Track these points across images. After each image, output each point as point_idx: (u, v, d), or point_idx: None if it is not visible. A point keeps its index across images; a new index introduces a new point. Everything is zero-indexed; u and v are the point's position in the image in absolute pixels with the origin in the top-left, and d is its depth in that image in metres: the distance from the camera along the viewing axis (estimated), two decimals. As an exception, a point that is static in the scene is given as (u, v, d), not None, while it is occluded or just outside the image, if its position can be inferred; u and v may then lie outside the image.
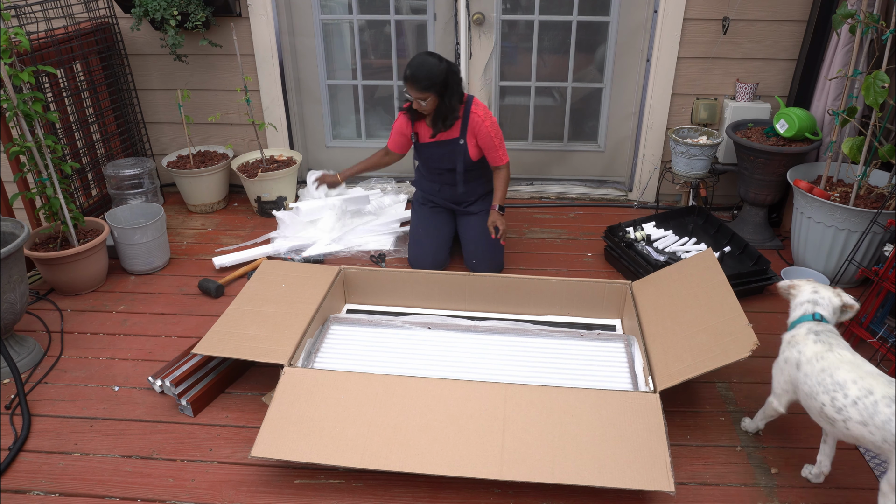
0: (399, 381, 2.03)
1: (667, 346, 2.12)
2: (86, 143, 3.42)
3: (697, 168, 3.23)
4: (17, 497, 1.87)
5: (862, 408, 1.57)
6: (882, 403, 1.54)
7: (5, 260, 2.20)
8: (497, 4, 3.42)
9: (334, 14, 3.59)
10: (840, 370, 1.64)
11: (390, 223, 3.35)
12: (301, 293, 2.43)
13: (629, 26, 3.43)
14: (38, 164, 2.66)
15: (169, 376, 2.16)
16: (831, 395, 1.63)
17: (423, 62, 2.59)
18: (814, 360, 1.71)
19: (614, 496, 1.84)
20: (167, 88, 3.62)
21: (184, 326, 2.63)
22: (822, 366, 1.68)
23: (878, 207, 2.61)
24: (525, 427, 1.86)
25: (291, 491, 1.88)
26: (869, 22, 2.54)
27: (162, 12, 3.12)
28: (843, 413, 1.61)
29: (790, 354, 1.79)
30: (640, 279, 2.54)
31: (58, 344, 2.53)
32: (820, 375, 1.67)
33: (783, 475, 1.92)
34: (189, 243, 3.31)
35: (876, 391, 1.57)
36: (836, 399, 1.62)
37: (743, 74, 3.34)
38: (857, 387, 1.59)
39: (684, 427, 2.10)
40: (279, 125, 3.69)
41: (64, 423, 2.14)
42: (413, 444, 1.84)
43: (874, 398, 1.56)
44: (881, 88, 2.42)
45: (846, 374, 1.63)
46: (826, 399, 1.64)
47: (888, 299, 2.37)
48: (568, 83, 3.62)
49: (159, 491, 1.88)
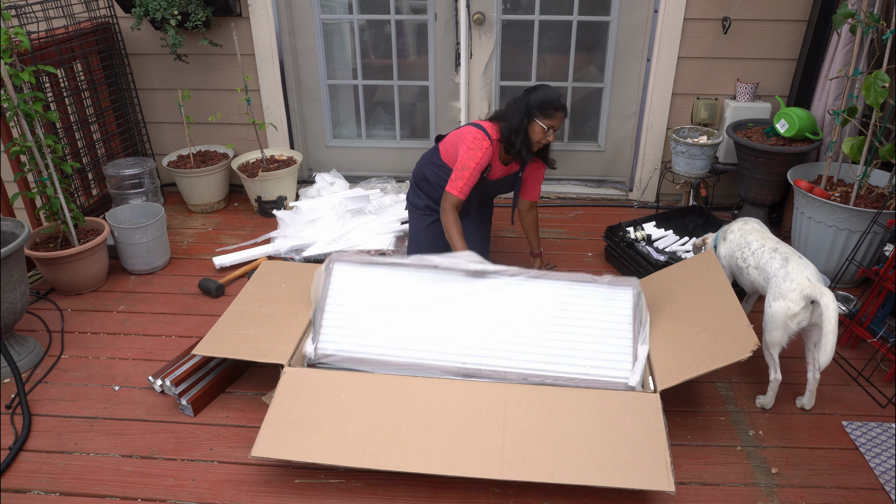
0: (399, 380, 2.03)
1: (667, 345, 2.12)
2: (86, 142, 3.42)
3: (698, 168, 3.24)
4: (18, 497, 1.87)
5: (756, 255, 2.26)
6: (767, 249, 2.22)
7: (5, 260, 2.20)
8: (497, 4, 3.42)
9: (334, 14, 3.59)
10: (750, 236, 2.34)
11: (390, 223, 3.35)
12: (301, 293, 2.43)
13: (629, 26, 3.43)
14: (39, 163, 2.66)
15: (169, 376, 2.16)
16: (741, 251, 2.33)
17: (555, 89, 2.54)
18: (736, 230, 2.42)
19: (614, 496, 1.84)
20: (167, 88, 3.62)
21: (184, 326, 2.63)
22: (741, 233, 2.38)
23: (879, 207, 2.61)
24: (525, 427, 1.87)
25: (292, 490, 1.88)
26: (869, 22, 2.54)
27: (162, 12, 3.12)
28: (747, 262, 2.29)
29: (720, 238, 2.48)
30: (640, 279, 2.54)
31: (58, 343, 2.53)
32: (738, 240, 2.37)
33: (783, 475, 1.92)
34: (189, 243, 3.31)
35: (767, 243, 2.25)
36: (743, 252, 2.32)
37: (743, 74, 3.34)
38: (757, 243, 2.28)
39: (684, 427, 2.10)
40: (279, 125, 3.69)
41: (64, 423, 2.14)
42: (413, 443, 1.84)
43: (764, 248, 2.24)
44: (881, 88, 2.42)
45: (752, 237, 2.32)
46: (738, 254, 2.34)
47: (888, 299, 2.37)
48: (568, 83, 3.62)
49: (160, 490, 1.89)
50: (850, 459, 1.98)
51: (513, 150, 2.55)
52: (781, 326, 2.07)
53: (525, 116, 2.50)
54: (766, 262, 2.20)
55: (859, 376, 2.31)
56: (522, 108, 2.51)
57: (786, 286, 2.07)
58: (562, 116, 2.50)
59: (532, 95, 2.50)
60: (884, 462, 1.95)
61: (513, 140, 2.53)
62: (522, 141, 2.51)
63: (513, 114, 2.53)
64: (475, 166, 2.52)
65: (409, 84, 3.73)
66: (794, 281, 2.05)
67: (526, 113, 2.50)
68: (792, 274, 2.07)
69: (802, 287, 2.03)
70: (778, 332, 2.08)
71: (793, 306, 2.03)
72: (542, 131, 2.49)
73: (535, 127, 2.49)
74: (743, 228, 2.39)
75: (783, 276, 2.10)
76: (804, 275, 2.06)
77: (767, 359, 2.14)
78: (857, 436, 2.06)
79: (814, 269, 2.11)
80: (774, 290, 2.11)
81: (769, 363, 2.14)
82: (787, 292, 2.05)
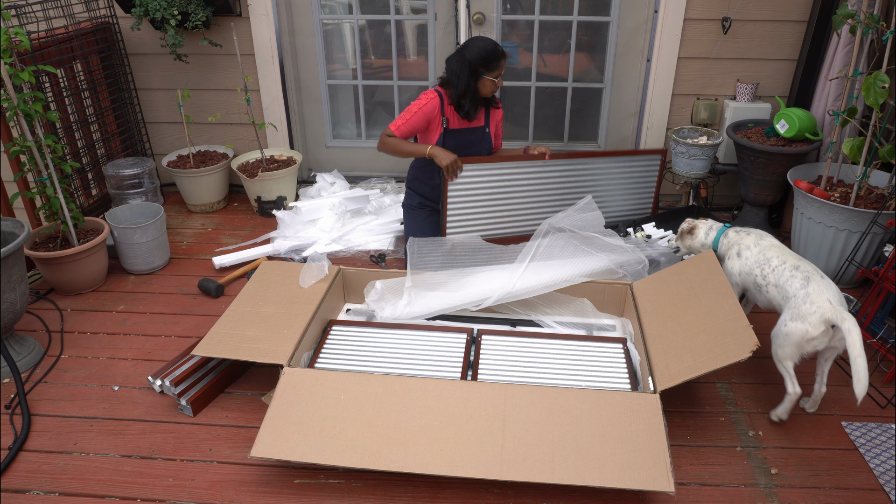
0: (399, 381, 2.03)
1: (667, 346, 2.12)
2: (86, 142, 3.42)
3: (698, 168, 3.24)
4: (17, 496, 1.87)
5: (776, 273, 2.14)
6: (788, 267, 2.11)
7: (5, 259, 2.20)
8: (497, 4, 3.42)
9: (335, 14, 3.59)
10: (770, 252, 2.22)
11: (390, 223, 3.35)
12: (300, 293, 2.43)
13: (629, 26, 3.43)
14: (39, 163, 2.66)
15: (169, 376, 2.16)
16: (760, 268, 2.21)
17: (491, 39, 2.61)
18: (752, 246, 2.29)
19: (614, 496, 1.84)
20: (167, 88, 3.62)
21: (184, 326, 2.63)
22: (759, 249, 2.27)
23: (878, 208, 2.61)
24: (525, 427, 1.86)
25: (291, 491, 1.88)
26: (869, 22, 2.54)
27: (162, 12, 3.12)
28: (766, 279, 2.18)
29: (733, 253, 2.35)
30: (640, 279, 2.54)
31: (58, 343, 2.53)
32: (757, 256, 2.25)
33: (783, 475, 1.92)
34: (189, 243, 3.31)
35: (788, 260, 2.14)
36: (763, 269, 2.20)
37: (743, 75, 3.34)
38: (778, 260, 2.17)
39: (684, 427, 2.10)
40: (279, 125, 3.69)
41: (64, 423, 2.14)
42: (413, 443, 1.84)
43: (785, 265, 2.13)
44: (881, 89, 2.42)
45: (772, 253, 2.21)
46: (758, 271, 2.22)
47: (888, 300, 2.37)
48: (568, 83, 3.62)
49: (159, 491, 1.88)
50: (850, 460, 1.98)
51: (462, 112, 2.66)
52: (796, 346, 1.98)
53: (471, 77, 2.57)
54: (785, 281, 2.09)
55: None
56: (466, 70, 2.56)
57: (805, 308, 1.95)
58: (504, 61, 2.55)
59: (469, 53, 2.55)
60: (883, 463, 1.95)
61: (462, 103, 2.62)
62: (471, 101, 2.61)
63: (458, 78, 2.59)
64: (417, 111, 2.67)
65: (409, 84, 3.73)
66: (814, 303, 1.94)
67: (471, 73, 2.56)
68: (813, 295, 1.96)
69: (823, 311, 1.91)
70: (791, 349, 1.99)
71: (811, 330, 1.93)
72: (493, 84, 2.57)
73: (484, 83, 2.58)
74: (760, 244, 2.27)
75: (803, 296, 1.98)
76: (825, 297, 1.94)
77: (782, 371, 2.05)
78: (857, 436, 2.06)
79: (836, 289, 2.00)
80: (793, 311, 1.99)
81: (784, 376, 2.05)
82: (807, 315, 1.94)
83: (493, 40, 2.55)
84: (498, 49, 2.51)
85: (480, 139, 2.80)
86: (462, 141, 2.78)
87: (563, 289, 2.51)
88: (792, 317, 1.99)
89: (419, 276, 2.52)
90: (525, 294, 2.43)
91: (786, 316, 2.03)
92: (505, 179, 2.87)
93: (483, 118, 2.78)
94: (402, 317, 2.42)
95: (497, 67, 2.53)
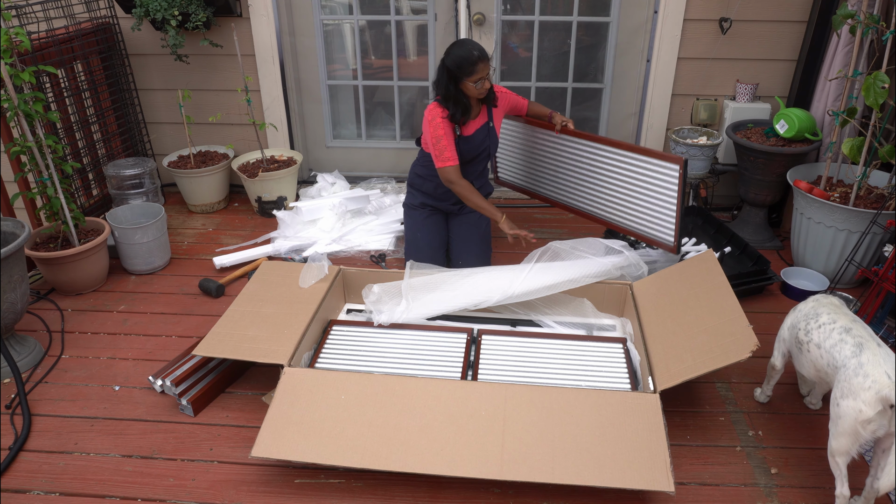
0: (399, 381, 2.03)
1: (667, 346, 2.13)
2: (87, 142, 3.42)
3: (697, 168, 3.24)
4: (18, 497, 1.87)
5: (823, 331, 1.83)
6: (838, 328, 1.79)
7: (6, 260, 2.20)
8: (497, 5, 3.42)
9: (335, 15, 3.59)
10: (822, 307, 1.92)
11: (390, 223, 3.35)
12: (301, 294, 2.44)
13: (629, 27, 3.44)
14: (39, 163, 2.66)
15: (169, 376, 2.16)
16: (807, 321, 1.91)
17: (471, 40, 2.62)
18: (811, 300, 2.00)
19: (614, 496, 1.84)
20: (168, 88, 3.63)
21: (184, 326, 2.64)
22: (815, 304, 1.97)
23: (878, 208, 2.61)
24: (525, 427, 1.87)
25: (291, 490, 1.88)
26: (869, 22, 2.54)
27: (163, 12, 3.12)
28: (809, 335, 1.87)
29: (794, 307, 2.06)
30: (640, 279, 2.55)
31: (58, 343, 2.53)
32: (808, 310, 1.95)
33: (783, 475, 1.92)
34: (189, 243, 3.31)
35: (839, 321, 1.82)
36: (808, 324, 1.89)
37: (743, 75, 3.34)
38: (828, 317, 1.86)
39: (684, 427, 2.10)
40: (280, 125, 3.70)
41: (64, 423, 2.14)
42: (413, 443, 1.84)
43: (835, 325, 1.81)
44: (881, 89, 2.42)
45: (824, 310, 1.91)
46: (802, 325, 1.92)
47: (888, 299, 2.37)
48: (568, 83, 3.63)
49: (160, 490, 1.89)
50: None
51: (454, 120, 2.67)
52: (850, 433, 1.64)
53: (451, 83, 2.60)
54: (833, 345, 1.77)
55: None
56: (446, 77, 2.60)
57: (857, 382, 1.63)
58: (485, 63, 2.55)
59: (448, 60, 2.57)
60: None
61: (451, 109, 2.64)
62: (458, 106, 2.63)
63: (442, 86, 2.63)
64: (444, 133, 2.64)
65: (409, 84, 3.74)
66: (868, 376, 1.62)
67: (451, 80, 2.59)
68: (867, 367, 1.64)
69: (880, 386, 1.59)
70: (846, 439, 1.65)
71: (866, 410, 1.60)
72: (475, 87, 2.58)
73: (466, 87, 2.59)
74: (818, 299, 1.97)
75: (855, 367, 1.66)
76: (883, 369, 1.62)
77: (833, 468, 1.71)
78: (857, 436, 2.05)
79: (894, 360, 1.66)
80: (843, 385, 1.67)
81: (835, 473, 1.71)
82: (860, 390, 1.62)
83: (473, 44, 2.55)
84: (473, 54, 2.52)
85: (485, 136, 2.80)
86: (471, 146, 2.78)
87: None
88: (842, 393, 1.67)
89: (417, 280, 2.51)
90: (523, 297, 2.44)
91: (836, 392, 1.70)
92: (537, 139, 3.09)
93: (486, 114, 2.78)
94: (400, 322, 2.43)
95: (475, 72, 2.54)
